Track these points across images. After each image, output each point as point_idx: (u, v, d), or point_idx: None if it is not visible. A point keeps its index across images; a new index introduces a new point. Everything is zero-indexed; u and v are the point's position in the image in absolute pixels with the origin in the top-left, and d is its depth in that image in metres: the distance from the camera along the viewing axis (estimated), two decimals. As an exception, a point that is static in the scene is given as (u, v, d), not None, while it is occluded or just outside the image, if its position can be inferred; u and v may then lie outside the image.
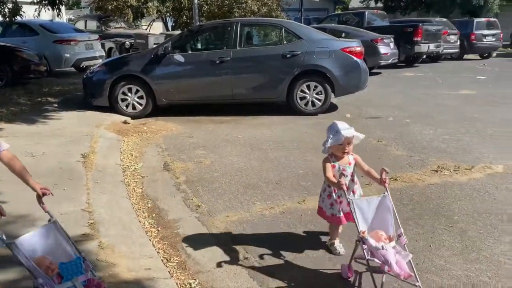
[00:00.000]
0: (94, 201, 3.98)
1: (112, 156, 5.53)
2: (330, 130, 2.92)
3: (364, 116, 7.80)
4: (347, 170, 2.97)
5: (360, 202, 2.72)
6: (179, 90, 7.84)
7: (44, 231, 2.34)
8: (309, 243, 3.35)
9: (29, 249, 2.22)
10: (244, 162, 5.33)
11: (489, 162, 5.07)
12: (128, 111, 7.81)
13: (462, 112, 7.95)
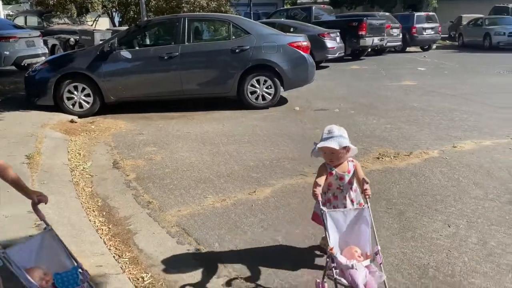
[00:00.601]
0: (41, 202, 3.89)
1: (59, 156, 5.39)
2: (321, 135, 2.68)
3: (312, 109, 8.06)
4: (345, 178, 2.72)
5: (335, 214, 2.51)
6: (127, 87, 7.73)
7: (39, 240, 2.23)
8: (259, 231, 3.48)
9: (22, 259, 2.11)
10: (196, 157, 5.38)
11: (426, 148, 5.44)
12: (74, 110, 7.61)
13: (403, 102, 8.41)
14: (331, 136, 2.58)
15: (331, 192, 2.77)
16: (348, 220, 2.51)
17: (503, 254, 3.04)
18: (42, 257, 2.18)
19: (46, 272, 2.12)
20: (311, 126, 6.75)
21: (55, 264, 2.20)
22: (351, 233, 2.49)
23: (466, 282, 2.74)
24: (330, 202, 2.78)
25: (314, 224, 3.57)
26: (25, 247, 2.17)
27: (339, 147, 2.55)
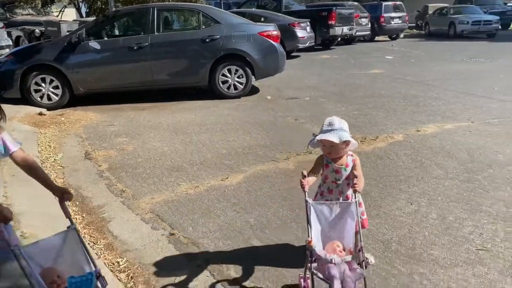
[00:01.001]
0: (13, 194, 3.87)
1: (29, 149, 5.31)
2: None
3: (283, 97, 8.18)
4: (342, 172, 2.59)
5: (320, 206, 2.44)
6: (97, 78, 7.65)
7: (61, 238, 2.09)
8: (232, 215, 3.59)
9: (40, 256, 1.98)
10: (168, 147, 5.42)
11: (391, 133, 5.66)
12: (43, 102, 7.48)
13: (371, 89, 8.65)
14: (332, 128, 2.45)
15: (327, 185, 2.65)
16: (333, 213, 2.43)
17: (460, 228, 3.26)
18: (61, 257, 2.07)
19: (60, 274, 2.01)
20: (282, 114, 6.88)
21: (72, 266, 2.09)
22: (335, 228, 2.42)
23: (425, 254, 2.94)
24: (323, 195, 2.65)
25: (286, 206, 3.73)
26: (46, 244, 2.05)
27: (339, 141, 2.42)
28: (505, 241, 3.05)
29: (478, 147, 4.98)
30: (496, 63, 11.73)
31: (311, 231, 2.33)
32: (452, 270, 2.75)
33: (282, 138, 5.64)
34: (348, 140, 2.45)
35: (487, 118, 6.19)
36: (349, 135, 2.47)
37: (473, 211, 3.50)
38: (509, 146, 4.99)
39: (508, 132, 5.50)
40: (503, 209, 3.51)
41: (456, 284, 2.61)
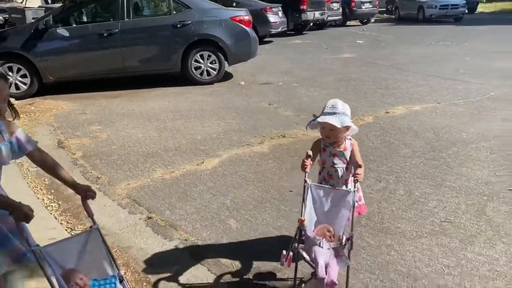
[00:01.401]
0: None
1: (-2, 139, 5.23)
2: None
3: (257, 83, 8.24)
4: (339, 156, 2.52)
5: (319, 189, 2.42)
6: (66, 66, 7.50)
7: (83, 239, 1.99)
8: (208, 197, 3.67)
9: (59, 258, 1.89)
10: (142, 133, 5.42)
11: (362, 115, 5.82)
12: (11, 92, 7.26)
13: (342, 73, 8.80)
14: (334, 112, 2.37)
15: (326, 171, 2.59)
16: (330, 198, 2.40)
17: (425, 202, 3.44)
18: (83, 258, 1.97)
19: (83, 277, 1.92)
20: (256, 100, 6.95)
21: (95, 268, 2.00)
22: (329, 212, 2.40)
23: (393, 227, 3.10)
24: (326, 180, 2.60)
25: (261, 188, 3.83)
26: (67, 245, 1.96)
27: (341, 126, 2.34)
28: (466, 213, 3.25)
29: (443, 126, 5.20)
30: (462, 46, 12.09)
31: (305, 211, 2.31)
32: (417, 241, 2.92)
33: (256, 123, 5.72)
34: (349, 125, 2.39)
35: (452, 99, 6.44)
36: (350, 120, 2.40)
37: (438, 187, 3.69)
38: (472, 125, 5.23)
39: (472, 112, 5.75)
40: (465, 184, 3.72)
41: (421, 253, 2.78)
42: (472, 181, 3.76)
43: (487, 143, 4.63)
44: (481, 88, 7.00)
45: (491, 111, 5.75)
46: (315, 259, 2.18)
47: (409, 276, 2.56)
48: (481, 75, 8.00)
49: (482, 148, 4.49)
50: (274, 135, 5.20)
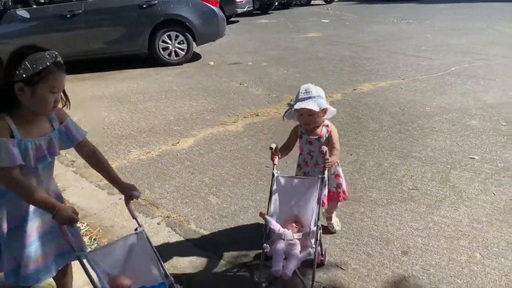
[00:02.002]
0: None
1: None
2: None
3: (226, 63, 8.25)
4: (314, 143, 2.50)
5: (286, 180, 2.38)
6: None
7: (129, 243, 1.87)
8: (186, 176, 3.73)
9: (105, 264, 1.78)
10: (114, 116, 5.38)
11: (330, 92, 5.97)
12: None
13: (309, 52, 8.93)
14: (309, 96, 2.33)
15: (303, 157, 2.58)
16: (299, 188, 2.36)
17: (394, 172, 3.65)
18: (129, 264, 1.85)
19: (130, 285, 1.81)
20: (227, 80, 6.98)
21: (143, 274, 1.87)
22: (298, 203, 2.37)
23: (365, 196, 3.29)
24: (300, 167, 2.61)
25: (238, 165, 3.93)
26: (112, 250, 1.84)
27: (319, 108, 2.33)
28: (432, 181, 3.47)
29: (408, 101, 5.44)
30: (423, 24, 12.45)
31: (271, 204, 2.32)
32: (388, 207, 3.11)
33: (228, 102, 5.78)
34: (326, 107, 2.37)
35: (416, 75, 6.70)
36: (326, 102, 2.38)
37: (405, 157, 3.91)
38: (435, 99, 5.49)
39: (434, 87, 6.02)
40: (430, 154, 3.95)
41: (392, 219, 2.97)
42: (436, 151, 4.00)
43: (449, 115, 4.89)
44: (442, 64, 7.31)
45: (451, 86, 6.04)
46: (274, 251, 2.18)
47: (382, 239, 2.75)
48: (442, 52, 8.33)
49: (444, 121, 4.74)
50: (247, 114, 5.28)
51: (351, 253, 2.63)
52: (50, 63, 1.67)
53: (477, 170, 3.59)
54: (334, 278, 2.41)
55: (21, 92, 1.66)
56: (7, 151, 1.64)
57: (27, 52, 1.66)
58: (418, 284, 2.35)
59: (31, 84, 1.65)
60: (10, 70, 1.65)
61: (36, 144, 1.76)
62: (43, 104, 1.72)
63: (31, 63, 1.63)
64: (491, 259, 2.51)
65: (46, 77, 1.67)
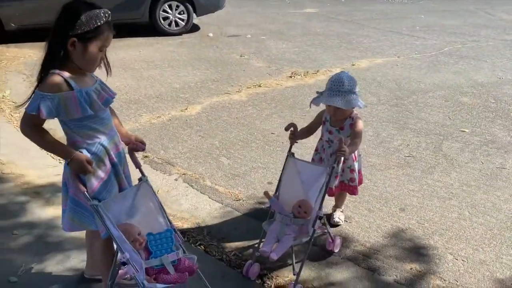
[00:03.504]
0: (-27, 127, 3.89)
1: (-29, 86, 5.16)
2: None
3: (225, 35, 8.35)
4: (334, 133, 2.45)
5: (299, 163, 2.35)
6: (28, 13, 7.22)
7: (133, 193, 1.89)
8: (197, 139, 3.95)
9: (115, 212, 1.80)
10: (120, 82, 5.51)
11: (330, 67, 6.20)
12: (-31, 39, 6.99)
13: (307, 28, 9.07)
14: (339, 90, 2.25)
15: (321, 143, 2.57)
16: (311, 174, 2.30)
17: (391, 141, 3.93)
18: (135, 213, 1.89)
19: (140, 231, 1.84)
20: (227, 51, 7.12)
21: (149, 223, 1.91)
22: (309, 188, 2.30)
23: (365, 161, 3.54)
24: (317, 151, 2.60)
25: (245, 131, 4.16)
26: (118, 199, 1.85)
27: (346, 107, 2.27)
28: (426, 150, 3.76)
29: (404, 78, 5.70)
30: (417, 4, 12.63)
31: (280, 185, 2.33)
32: (386, 172, 3.40)
33: (230, 73, 5.96)
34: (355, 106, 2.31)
35: (411, 54, 6.95)
36: (357, 97, 2.30)
37: (401, 129, 4.19)
38: (429, 77, 5.76)
39: (428, 66, 6.29)
40: (424, 126, 4.24)
41: (390, 181, 3.26)
42: (430, 124, 4.28)
43: (442, 92, 5.17)
44: (436, 44, 7.56)
45: (444, 65, 6.32)
46: (269, 230, 2.23)
47: (381, 198, 3.04)
48: (435, 32, 8.57)
49: (437, 97, 5.03)
50: (250, 84, 5.48)
51: (354, 209, 2.91)
52: (103, 21, 1.67)
53: (467, 142, 3.90)
54: (340, 229, 2.70)
55: (72, 47, 1.66)
56: (69, 103, 1.68)
57: (82, 8, 1.65)
58: (414, 235, 2.65)
59: (84, 40, 1.66)
60: (64, 24, 1.65)
61: (95, 90, 1.78)
62: (91, 60, 1.73)
63: (87, 19, 1.63)
64: (478, 216, 2.83)
65: (99, 35, 1.68)
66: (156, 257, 1.81)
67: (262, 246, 2.19)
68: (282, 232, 2.20)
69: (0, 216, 2.68)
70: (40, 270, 2.25)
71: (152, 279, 1.77)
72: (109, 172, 1.85)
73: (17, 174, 3.14)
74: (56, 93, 1.66)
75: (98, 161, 1.80)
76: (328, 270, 2.37)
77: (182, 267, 1.85)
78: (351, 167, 2.54)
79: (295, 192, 2.32)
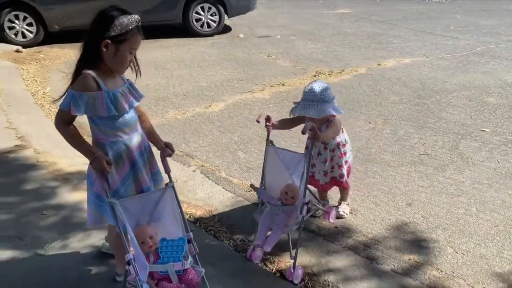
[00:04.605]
0: (15, 120, 4.26)
1: (16, 83, 5.59)
2: None
3: (256, 36, 8.54)
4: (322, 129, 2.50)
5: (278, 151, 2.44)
6: (70, 15, 7.68)
7: (158, 196, 1.99)
8: (218, 134, 4.14)
9: (134, 213, 1.91)
10: (151, 80, 5.81)
11: (355, 66, 6.24)
12: (18, 40, 7.53)
13: (338, 28, 9.11)
14: (312, 100, 2.38)
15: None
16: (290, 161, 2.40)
17: (408, 139, 3.96)
18: (155, 216, 1.99)
19: (153, 235, 1.93)
20: (256, 51, 7.29)
21: (166, 228, 1.99)
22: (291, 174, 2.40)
23: (378, 158, 3.63)
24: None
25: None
26: (143, 200, 1.96)
27: (318, 116, 2.37)
28: (442, 148, 3.77)
29: (429, 77, 5.66)
30: (454, 4, 12.34)
31: (265, 174, 2.43)
32: (398, 168, 3.45)
33: (256, 73, 6.12)
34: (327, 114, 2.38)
35: (440, 54, 6.86)
36: (330, 105, 2.40)
37: (420, 127, 4.20)
38: (456, 76, 5.69)
39: (457, 66, 6.20)
40: (444, 125, 4.23)
41: (401, 177, 3.32)
42: (450, 123, 4.27)
43: (467, 92, 5.11)
44: (468, 44, 7.41)
45: (474, 65, 6.20)
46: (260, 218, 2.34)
47: (389, 193, 3.11)
48: (470, 32, 8.38)
49: (462, 97, 4.98)
50: (274, 83, 5.63)
51: (361, 202, 3.00)
52: (134, 26, 1.82)
53: (486, 141, 3.87)
54: (344, 221, 2.79)
55: (105, 48, 1.81)
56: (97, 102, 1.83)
57: (116, 13, 1.81)
58: (417, 229, 2.71)
59: (116, 42, 1.81)
60: (99, 27, 1.81)
61: (122, 92, 1.93)
62: (121, 62, 1.88)
63: (120, 23, 1.79)
64: (485, 213, 2.84)
65: (129, 38, 1.83)
66: (163, 263, 1.88)
67: (255, 239, 2.32)
68: (272, 222, 2.31)
69: (33, 198, 2.96)
70: (63, 246, 2.49)
71: (153, 284, 1.86)
72: (127, 170, 1.98)
73: (50, 162, 3.44)
74: (86, 92, 1.82)
75: (118, 159, 1.93)
76: (328, 257, 2.48)
77: (185, 279, 1.88)
78: (339, 164, 2.63)
79: (280, 178, 2.42)
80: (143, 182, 2.03)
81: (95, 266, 2.34)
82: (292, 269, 2.28)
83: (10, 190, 3.06)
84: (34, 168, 3.36)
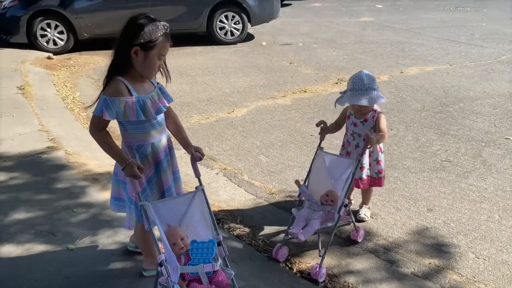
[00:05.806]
0: (47, 123, 4.44)
1: (47, 88, 5.83)
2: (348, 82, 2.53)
3: (278, 43, 8.64)
4: (358, 126, 2.59)
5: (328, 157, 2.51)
6: (99, 24, 7.96)
7: (189, 199, 2.03)
8: (240, 139, 4.23)
9: (165, 215, 1.97)
10: (176, 86, 5.95)
11: (377, 74, 6.24)
12: (49, 47, 7.83)
13: (360, 36, 9.13)
14: (360, 89, 2.40)
15: (346, 138, 2.72)
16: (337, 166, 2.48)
17: (430, 146, 3.96)
18: (185, 219, 2.03)
19: (184, 237, 1.98)
20: (278, 59, 7.39)
21: (196, 230, 2.03)
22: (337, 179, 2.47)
23: (400, 164, 3.64)
24: (344, 146, 2.74)
25: (285, 133, 4.38)
26: (173, 203, 2.02)
27: (370, 104, 2.40)
28: (464, 155, 3.76)
29: (453, 85, 5.63)
30: (480, 12, 12.18)
31: (310, 175, 2.51)
32: (420, 174, 3.46)
33: (278, 79, 6.21)
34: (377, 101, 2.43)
35: (464, 62, 6.80)
36: (378, 93, 2.43)
37: (442, 135, 4.19)
38: (480, 85, 5.64)
39: (481, 74, 6.14)
40: (467, 133, 4.21)
41: (422, 183, 3.32)
42: (473, 131, 4.25)
43: (491, 100, 5.07)
44: (493, 52, 7.33)
45: (499, 73, 6.13)
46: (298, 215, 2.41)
47: (411, 199, 3.12)
48: (495, 40, 8.28)
49: (486, 104, 4.93)
50: (296, 90, 5.70)
51: (381, 207, 3.02)
52: (162, 33, 1.90)
53: (510, 149, 3.84)
54: (365, 224, 2.82)
55: (135, 55, 1.88)
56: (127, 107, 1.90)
57: (145, 21, 1.88)
58: (438, 234, 2.72)
59: (146, 49, 1.87)
60: (129, 35, 1.88)
61: (151, 98, 1.99)
62: (151, 68, 1.94)
63: (149, 31, 1.86)
64: (508, 220, 2.83)
65: (158, 45, 1.90)
66: (194, 264, 1.90)
67: (291, 228, 2.38)
68: (309, 217, 2.39)
69: (64, 197, 3.10)
70: (93, 242, 2.61)
71: (184, 285, 1.88)
72: (152, 171, 2.07)
73: (81, 163, 3.58)
74: (117, 97, 1.90)
75: (144, 161, 2.02)
76: (349, 259, 2.51)
77: (216, 280, 1.90)
78: (378, 159, 2.66)
79: (323, 183, 2.51)
80: (165, 182, 2.12)
81: (122, 261, 2.44)
82: (318, 267, 2.32)
83: (42, 189, 3.21)
84: (65, 169, 3.51)
